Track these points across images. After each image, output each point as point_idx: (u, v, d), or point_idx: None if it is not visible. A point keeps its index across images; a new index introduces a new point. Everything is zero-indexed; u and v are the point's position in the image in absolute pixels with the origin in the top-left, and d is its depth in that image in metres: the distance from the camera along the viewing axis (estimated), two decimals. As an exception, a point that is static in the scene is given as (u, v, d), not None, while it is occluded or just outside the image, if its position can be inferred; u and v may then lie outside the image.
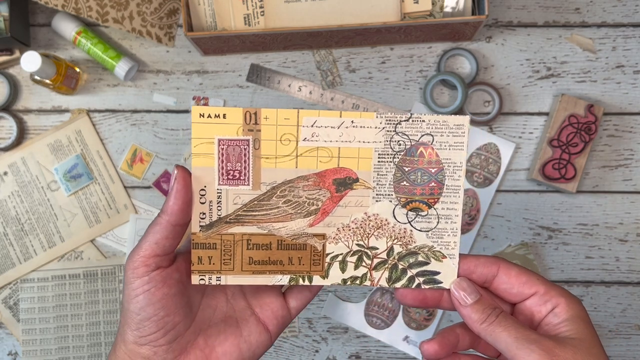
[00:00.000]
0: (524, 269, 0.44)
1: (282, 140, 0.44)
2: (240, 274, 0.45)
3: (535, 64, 0.80)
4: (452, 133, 0.45)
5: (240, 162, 0.44)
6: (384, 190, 0.45)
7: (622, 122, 0.80)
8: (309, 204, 0.45)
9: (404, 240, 0.46)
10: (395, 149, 0.45)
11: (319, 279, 0.46)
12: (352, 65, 0.81)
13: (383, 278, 0.46)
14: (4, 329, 0.81)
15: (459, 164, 0.45)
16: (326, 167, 0.45)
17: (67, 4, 0.72)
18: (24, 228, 0.81)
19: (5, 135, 0.81)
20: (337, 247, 0.46)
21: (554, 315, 0.42)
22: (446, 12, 0.75)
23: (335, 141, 0.45)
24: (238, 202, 0.45)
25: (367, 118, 0.44)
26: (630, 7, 0.80)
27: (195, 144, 0.44)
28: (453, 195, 0.46)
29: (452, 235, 0.46)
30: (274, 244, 0.45)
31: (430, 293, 0.46)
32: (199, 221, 0.44)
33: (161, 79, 0.82)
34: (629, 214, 0.80)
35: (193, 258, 0.44)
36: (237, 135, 0.44)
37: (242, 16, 0.76)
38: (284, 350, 0.81)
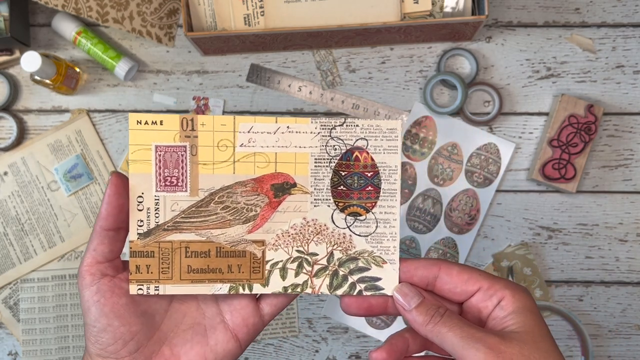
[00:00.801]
0: (466, 267, 0.43)
1: (219, 147, 0.44)
2: (179, 283, 0.45)
3: (535, 64, 0.80)
4: (386, 137, 0.45)
5: (178, 168, 0.44)
6: (321, 195, 0.45)
7: (622, 122, 0.80)
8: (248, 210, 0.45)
9: (343, 245, 0.46)
10: (331, 154, 0.45)
11: (260, 287, 0.45)
12: (352, 65, 0.81)
13: (324, 285, 0.46)
14: (4, 329, 0.81)
15: (394, 168, 0.46)
16: (264, 172, 0.45)
17: (67, 4, 0.72)
18: (24, 228, 0.81)
19: (6, 135, 0.81)
20: (276, 253, 0.45)
21: (500, 308, 0.41)
22: (446, 12, 0.75)
23: (272, 146, 0.45)
24: (176, 209, 0.44)
25: (302, 123, 0.45)
26: (630, 7, 0.80)
27: (133, 151, 0.43)
28: (390, 199, 0.46)
29: (392, 240, 0.46)
30: (212, 251, 0.45)
31: (375, 300, 0.45)
32: (136, 229, 0.44)
33: (161, 79, 0.82)
34: (629, 214, 0.80)
35: (131, 267, 0.44)
36: (174, 142, 0.44)
37: (242, 16, 0.76)
38: (284, 350, 0.81)
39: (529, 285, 0.80)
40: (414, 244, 0.81)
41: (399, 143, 0.45)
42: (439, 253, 0.80)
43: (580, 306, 0.81)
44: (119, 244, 0.43)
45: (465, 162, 0.80)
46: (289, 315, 0.80)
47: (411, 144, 0.81)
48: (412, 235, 0.81)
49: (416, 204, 0.81)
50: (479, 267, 0.81)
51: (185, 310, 0.45)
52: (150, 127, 0.44)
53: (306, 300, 0.80)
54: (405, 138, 0.81)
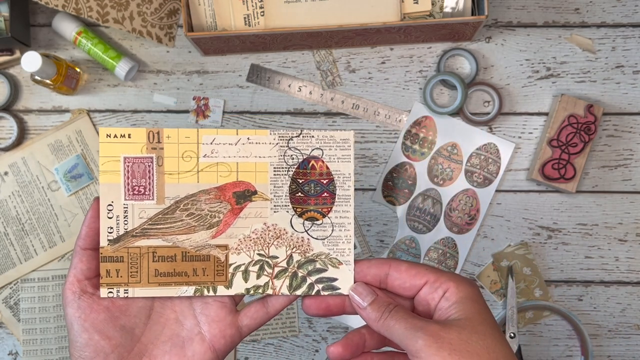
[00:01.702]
0: (414, 263, 0.46)
1: (184, 157, 0.47)
2: (147, 286, 0.47)
3: (535, 64, 0.81)
4: (339, 147, 0.49)
5: (145, 178, 0.47)
6: (281, 201, 0.48)
7: (621, 122, 0.80)
8: (211, 217, 0.48)
9: (302, 248, 0.48)
10: (289, 163, 0.48)
11: (223, 289, 0.48)
12: (352, 65, 0.81)
13: (284, 286, 0.48)
14: (5, 328, 0.81)
15: (347, 175, 0.49)
16: (226, 181, 0.48)
17: (68, 4, 0.72)
18: (24, 228, 0.81)
19: (6, 135, 0.82)
20: (239, 257, 0.48)
21: (445, 299, 0.43)
22: (446, 13, 0.76)
23: (234, 157, 0.48)
24: (143, 216, 0.47)
25: (261, 135, 0.48)
26: (630, 7, 0.80)
27: (103, 162, 0.46)
28: (344, 204, 0.49)
29: (347, 242, 0.49)
30: (178, 255, 0.47)
31: (333, 301, 0.48)
32: (107, 235, 0.46)
33: (161, 79, 0.82)
34: (629, 214, 0.80)
35: (101, 271, 0.46)
36: (141, 153, 0.47)
37: (242, 16, 0.76)
38: (284, 350, 0.81)
39: (528, 284, 0.80)
40: (414, 244, 0.81)
41: (351, 152, 0.49)
42: (438, 253, 0.81)
43: (580, 306, 0.81)
44: (96, 262, 0.46)
45: (465, 162, 0.80)
46: (289, 315, 0.80)
47: (411, 144, 0.81)
48: (412, 235, 0.81)
49: (416, 204, 0.81)
50: (479, 267, 0.81)
51: (164, 323, 0.47)
52: (119, 140, 0.47)
53: (306, 300, 0.81)
54: (405, 138, 0.81)
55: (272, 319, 0.80)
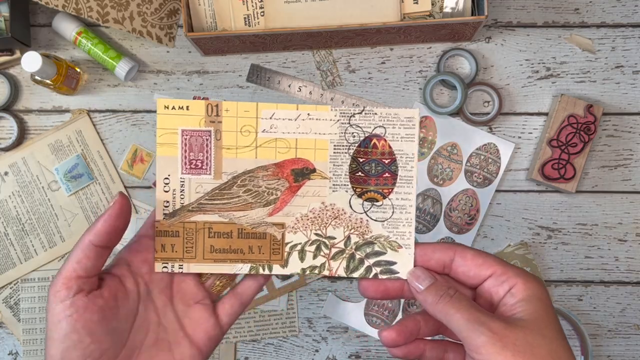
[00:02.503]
0: (481, 252, 0.44)
1: (242, 132, 0.46)
2: (202, 262, 0.46)
3: (535, 64, 0.81)
4: (404, 125, 0.47)
5: (203, 152, 0.46)
6: (340, 180, 0.47)
7: (621, 122, 0.80)
8: (268, 194, 0.46)
9: (360, 230, 0.47)
10: (350, 141, 0.46)
11: (279, 267, 0.47)
12: (352, 65, 0.81)
13: (341, 267, 0.47)
14: (5, 328, 0.81)
15: (410, 155, 0.47)
16: (284, 157, 0.46)
17: (68, 5, 0.72)
18: (24, 228, 0.81)
19: (6, 135, 0.82)
20: (295, 236, 0.47)
21: (510, 295, 0.42)
22: (446, 13, 0.76)
23: (293, 133, 0.46)
24: (200, 191, 0.46)
25: (322, 111, 0.46)
26: (630, 8, 0.80)
27: (160, 134, 0.45)
28: (406, 185, 0.47)
29: (407, 225, 0.47)
30: (234, 232, 0.46)
31: (391, 284, 0.46)
32: (162, 209, 0.46)
33: (161, 79, 0.82)
34: (628, 214, 0.80)
35: (156, 246, 0.45)
36: (199, 127, 0.45)
37: (242, 16, 0.76)
38: (284, 350, 0.81)
39: (528, 285, 0.80)
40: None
41: (416, 131, 0.47)
42: (438, 253, 0.81)
43: (580, 306, 0.81)
44: (102, 260, 0.43)
45: (464, 162, 0.80)
46: (289, 315, 0.80)
47: (411, 144, 0.81)
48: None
49: (416, 204, 0.81)
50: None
51: (147, 327, 0.45)
52: (177, 112, 0.45)
53: (306, 300, 0.81)
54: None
55: (272, 319, 0.80)
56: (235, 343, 0.81)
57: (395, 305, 0.80)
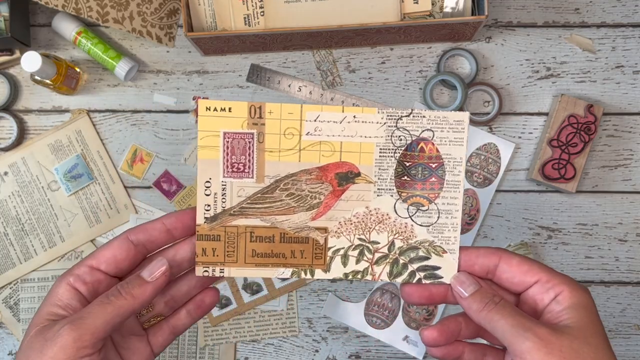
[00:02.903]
0: (526, 258, 0.44)
1: (285, 134, 0.45)
2: (243, 266, 0.46)
3: (535, 64, 0.81)
4: (452, 129, 0.46)
5: (245, 155, 0.45)
6: (385, 184, 0.46)
7: (621, 122, 0.80)
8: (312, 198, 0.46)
9: (404, 234, 0.46)
10: (397, 144, 0.46)
11: (321, 272, 0.46)
12: (352, 65, 0.81)
13: (384, 273, 0.46)
14: (5, 328, 0.81)
15: (459, 160, 0.46)
16: (329, 161, 0.45)
17: (68, 4, 0.72)
18: (24, 228, 0.81)
19: (6, 135, 0.81)
20: (339, 241, 0.46)
21: (556, 303, 0.41)
22: (446, 13, 0.76)
23: (338, 135, 0.45)
24: (242, 195, 0.45)
25: (368, 113, 0.45)
26: (630, 7, 0.80)
27: (202, 137, 0.45)
28: (453, 190, 0.46)
29: (453, 231, 0.46)
30: (276, 236, 0.46)
31: (436, 289, 0.46)
32: (203, 213, 0.45)
33: (161, 79, 0.82)
34: (629, 214, 0.80)
35: (197, 250, 0.45)
36: (242, 129, 0.45)
37: (242, 16, 0.76)
38: (284, 350, 0.81)
39: (528, 285, 0.80)
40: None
41: (465, 135, 0.46)
42: (438, 253, 0.80)
43: (580, 306, 0.81)
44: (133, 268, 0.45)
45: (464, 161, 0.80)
46: (289, 316, 0.80)
47: (411, 144, 0.81)
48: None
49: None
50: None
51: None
52: (219, 114, 0.45)
53: (306, 300, 0.81)
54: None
55: (272, 319, 0.80)
56: (235, 343, 0.80)
57: (395, 305, 0.80)
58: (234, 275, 0.46)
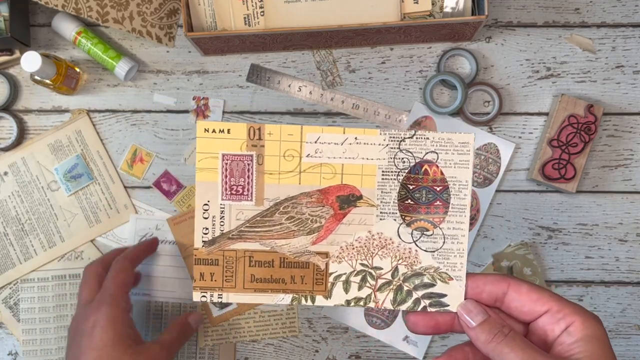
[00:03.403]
0: (535, 286, 0.43)
1: (285, 156, 0.44)
2: (242, 291, 0.45)
3: (535, 64, 0.81)
4: (457, 151, 0.45)
5: (244, 177, 0.44)
6: (388, 208, 0.45)
7: (621, 122, 0.80)
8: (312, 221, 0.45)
9: (409, 260, 0.45)
10: (400, 167, 0.45)
11: (322, 299, 0.45)
12: (352, 65, 0.81)
13: (388, 300, 0.45)
14: (4, 329, 0.81)
15: (464, 183, 0.45)
16: (329, 183, 0.45)
17: (67, 4, 0.72)
18: (24, 228, 0.81)
19: (6, 135, 0.81)
20: (340, 266, 0.45)
21: (567, 334, 0.40)
22: (446, 13, 0.76)
23: (339, 157, 0.44)
24: (241, 218, 0.44)
25: (370, 135, 0.44)
26: (630, 7, 0.80)
27: (200, 159, 0.44)
28: (459, 214, 0.45)
29: (459, 257, 0.45)
30: (276, 261, 0.45)
31: (442, 318, 0.44)
32: (201, 236, 0.44)
33: (161, 79, 0.82)
34: (629, 214, 0.80)
35: (195, 274, 0.44)
36: (240, 151, 0.44)
37: (242, 16, 0.76)
38: (284, 350, 0.81)
39: (528, 285, 0.80)
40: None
41: (470, 157, 0.45)
42: (439, 253, 0.80)
43: (580, 306, 0.81)
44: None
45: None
46: (289, 316, 0.80)
47: (411, 144, 0.81)
48: (412, 235, 0.81)
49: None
50: (479, 267, 0.81)
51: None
52: (218, 135, 0.44)
53: (306, 300, 0.80)
54: (405, 138, 0.81)
55: (272, 319, 0.80)
56: (235, 343, 0.80)
57: (395, 305, 0.80)
58: (233, 301, 0.45)
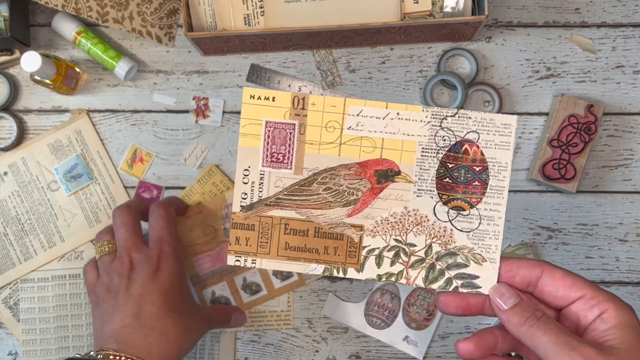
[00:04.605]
0: (569, 272, 0.43)
1: (327, 127, 0.45)
2: (275, 258, 0.45)
3: (535, 64, 0.81)
4: (499, 132, 0.44)
5: (285, 145, 0.45)
6: (425, 185, 0.45)
7: (622, 122, 0.80)
8: (349, 194, 0.45)
9: (443, 239, 0.45)
10: (440, 144, 0.45)
11: (354, 271, 0.45)
12: (352, 65, 0.81)
13: (419, 277, 0.45)
14: (4, 329, 0.81)
15: (504, 164, 0.45)
16: (369, 157, 0.45)
17: (67, 4, 0.72)
18: (24, 228, 0.81)
19: (6, 135, 0.81)
20: (374, 240, 0.45)
21: (601, 321, 0.40)
22: (446, 12, 0.76)
23: (380, 132, 0.44)
24: (279, 185, 0.45)
25: (412, 111, 0.44)
26: (630, 7, 0.80)
27: (244, 124, 0.45)
28: (497, 196, 0.45)
29: (494, 239, 0.45)
30: (311, 230, 0.45)
31: (473, 299, 0.44)
32: (240, 201, 0.45)
33: (161, 79, 0.82)
34: (629, 214, 0.80)
35: (231, 238, 0.45)
36: (284, 119, 0.44)
37: (242, 16, 0.76)
38: (284, 350, 0.81)
39: (529, 285, 0.80)
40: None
41: (512, 139, 0.45)
42: (439, 253, 0.80)
43: (580, 306, 0.81)
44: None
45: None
46: (284, 309, 0.80)
47: (411, 144, 0.81)
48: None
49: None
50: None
51: None
52: (263, 102, 0.44)
53: (306, 300, 0.80)
54: (405, 138, 0.81)
55: (268, 312, 0.80)
56: (234, 344, 0.80)
57: (395, 305, 0.80)
58: (266, 267, 0.45)
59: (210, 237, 0.77)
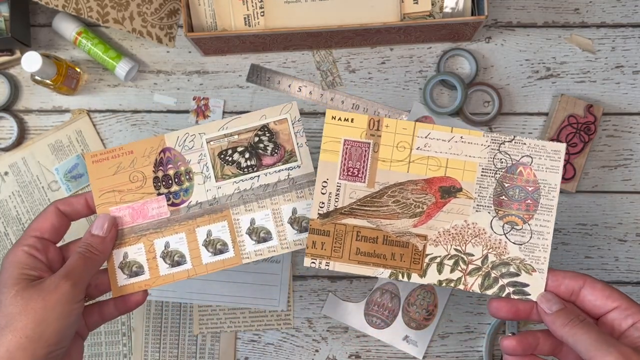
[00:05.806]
0: (608, 285, 0.49)
1: (398, 147, 0.50)
2: (347, 262, 0.50)
3: (535, 64, 0.81)
4: (550, 157, 0.50)
5: (360, 161, 0.50)
6: (484, 202, 0.50)
7: (621, 122, 0.80)
8: (415, 206, 0.50)
9: (498, 250, 0.50)
10: (498, 166, 0.50)
11: (417, 277, 0.50)
12: (352, 65, 0.81)
13: (476, 284, 0.50)
14: (5, 328, 0.81)
15: (553, 186, 0.50)
16: (434, 174, 0.50)
17: (68, 5, 0.72)
18: (24, 228, 0.81)
19: (6, 135, 0.82)
20: (436, 249, 0.50)
21: (635, 329, 0.45)
22: (446, 13, 0.76)
23: (445, 153, 0.50)
24: (353, 197, 0.50)
25: (475, 136, 0.50)
26: (630, 8, 0.80)
27: (325, 141, 0.50)
28: (547, 213, 0.50)
29: (543, 251, 0.50)
30: (380, 238, 0.50)
31: (522, 305, 0.49)
32: (318, 209, 0.50)
33: (161, 80, 0.82)
34: (628, 214, 0.80)
35: (308, 242, 0.50)
36: (360, 138, 0.50)
37: (242, 16, 0.76)
38: (284, 350, 0.81)
39: (528, 285, 0.80)
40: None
41: (561, 164, 0.50)
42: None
43: (580, 306, 0.81)
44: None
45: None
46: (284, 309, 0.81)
47: (411, 144, 0.81)
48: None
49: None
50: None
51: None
52: (342, 123, 0.50)
53: (306, 300, 0.81)
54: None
55: (268, 312, 0.80)
56: (234, 340, 0.80)
57: (395, 305, 0.80)
58: (338, 270, 0.50)
59: (136, 186, 0.62)
